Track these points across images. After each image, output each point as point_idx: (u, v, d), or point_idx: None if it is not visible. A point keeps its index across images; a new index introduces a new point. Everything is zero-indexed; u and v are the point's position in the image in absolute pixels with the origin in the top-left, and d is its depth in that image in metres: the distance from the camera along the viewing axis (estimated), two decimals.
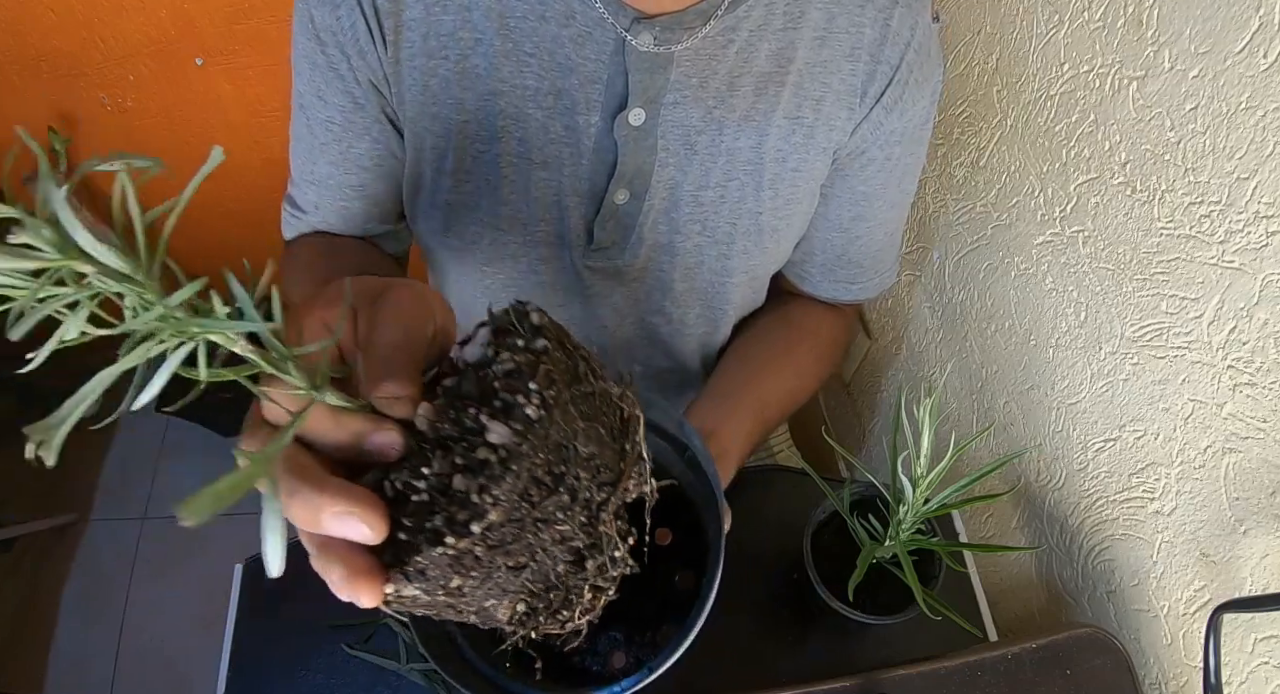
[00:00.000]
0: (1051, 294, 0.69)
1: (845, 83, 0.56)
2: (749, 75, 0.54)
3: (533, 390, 0.28)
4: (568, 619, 0.33)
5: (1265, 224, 0.46)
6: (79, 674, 1.49)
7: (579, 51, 0.51)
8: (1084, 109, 0.61)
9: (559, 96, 0.53)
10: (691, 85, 0.53)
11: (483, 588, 0.30)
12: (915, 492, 0.55)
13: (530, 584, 0.31)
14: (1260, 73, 0.45)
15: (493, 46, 0.51)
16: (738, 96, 0.54)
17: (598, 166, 0.56)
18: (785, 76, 0.55)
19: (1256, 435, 0.50)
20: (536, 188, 0.57)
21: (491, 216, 0.58)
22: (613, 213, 0.58)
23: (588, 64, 0.52)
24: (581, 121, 0.54)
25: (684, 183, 0.57)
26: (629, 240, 0.60)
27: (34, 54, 1.10)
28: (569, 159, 0.55)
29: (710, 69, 0.53)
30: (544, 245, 0.60)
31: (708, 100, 0.54)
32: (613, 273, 0.63)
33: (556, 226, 0.59)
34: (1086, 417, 0.67)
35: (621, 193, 0.56)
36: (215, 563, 1.60)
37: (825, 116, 0.57)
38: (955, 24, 0.77)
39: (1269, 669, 0.53)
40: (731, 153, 0.56)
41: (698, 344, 0.72)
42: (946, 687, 0.61)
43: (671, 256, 0.61)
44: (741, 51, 0.53)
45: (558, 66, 0.52)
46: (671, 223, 0.59)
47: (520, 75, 0.52)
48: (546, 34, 0.51)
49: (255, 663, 0.65)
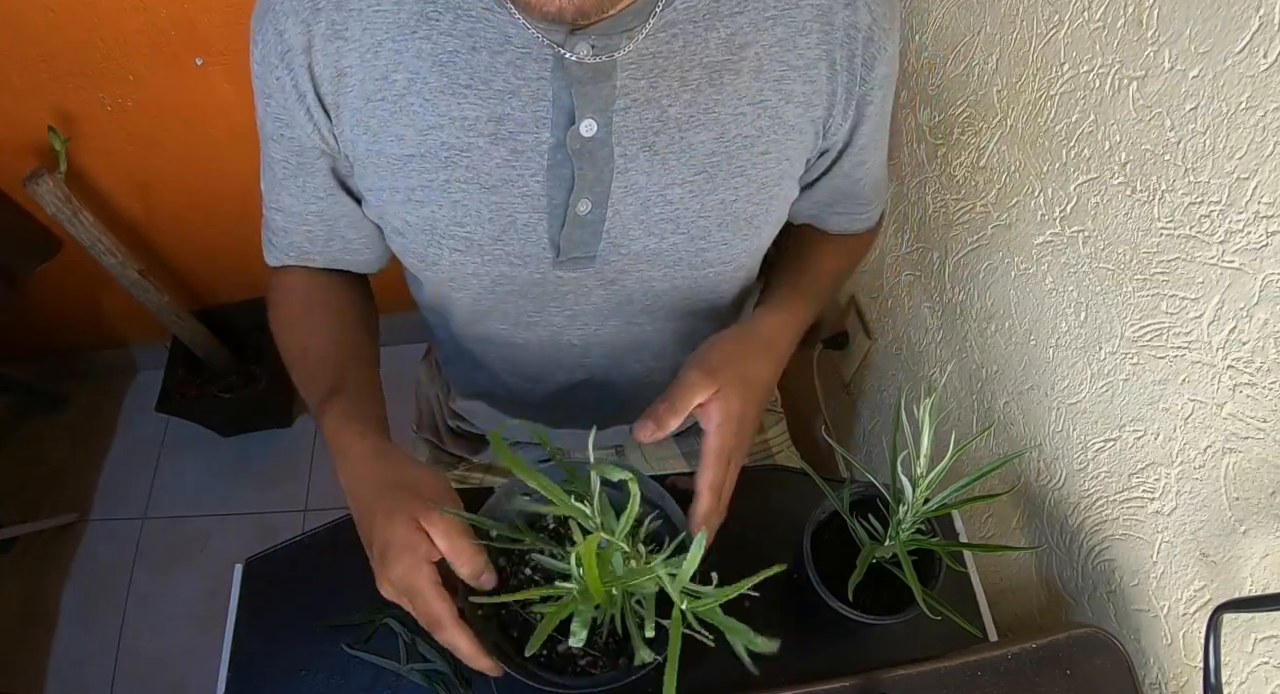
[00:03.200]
0: (1051, 294, 0.69)
1: (802, 58, 0.55)
2: (700, 67, 0.53)
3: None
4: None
5: (1265, 224, 0.46)
6: (79, 674, 1.49)
7: (518, 74, 0.52)
8: (1084, 109, 0.61)
9: (500, 123, 0.53)
10: (641, 87, 0.53)
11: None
12: (915, 492, 0.55)
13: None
14: (1260, 73, 0.45)
15: (427, 83, 0.52)
16: (691, 90, 0.53)
17: (555, 182, 0.55)
18: (740, 63, 0.54)
19: (1256, 435, 0.50)
20: (490, 211, 0.57)
21: (448, 239, 0.59)
22: (577, 224, 0.57)
23: (529, 84, 0.52)
24: (531, 140, 0.54)
25: (649, 185, 0.56)
26: (598, 247, 0.59)
27: (34, 54, 1.10)
28: (519, 181, 0.55)
29: (658, 67, 0.52)
30: (505, 263, 0.60)
31: (661, 100, 0.53)
32: (587, 279, 0.62)
33: (517, 245, 0.59)
34: (1086, 417, 0.67)
35: (584, 203, 0.56)
36: (215, 563, 1.60)
37: (790, 95, 0.56)
38: (955, 24, 0.77)
39: (1269, 669, 0.53)
40: (694, 147, 0.55)
41: (691, 338, 0.72)
42: (946, 687, 0.61)
43: (647, 258, 0.61)
44: (688, 44, 0.52)
45: (496, 93, 0.52)
46: (643, 225, 0.58)
47: (459, 107, 0.53)
48: (480, 63, 0.52)
49: (255, 663, 0.65)
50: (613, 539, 0.48)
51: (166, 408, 1.56)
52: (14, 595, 1.57)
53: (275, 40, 0.53)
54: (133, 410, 1.79)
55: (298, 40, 0.52)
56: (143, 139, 1.25)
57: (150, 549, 1.62)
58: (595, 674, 0.56)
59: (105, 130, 1.23)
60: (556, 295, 0.64)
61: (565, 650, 0.57)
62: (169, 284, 1.46)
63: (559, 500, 0.48)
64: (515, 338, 0.69)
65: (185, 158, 1.30)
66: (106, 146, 1.25)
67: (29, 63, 1.11)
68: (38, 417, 1.79)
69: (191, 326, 1.50)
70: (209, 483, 1.69)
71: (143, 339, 1.73)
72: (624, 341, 0.70)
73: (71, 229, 1.23)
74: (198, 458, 1.71)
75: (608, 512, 0.50)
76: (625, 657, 0.56)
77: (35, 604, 1.56)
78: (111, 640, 1.52)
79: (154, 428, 1.74)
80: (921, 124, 0.86)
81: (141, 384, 1.82)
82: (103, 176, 1.31)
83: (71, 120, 1.20)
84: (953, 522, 0.74)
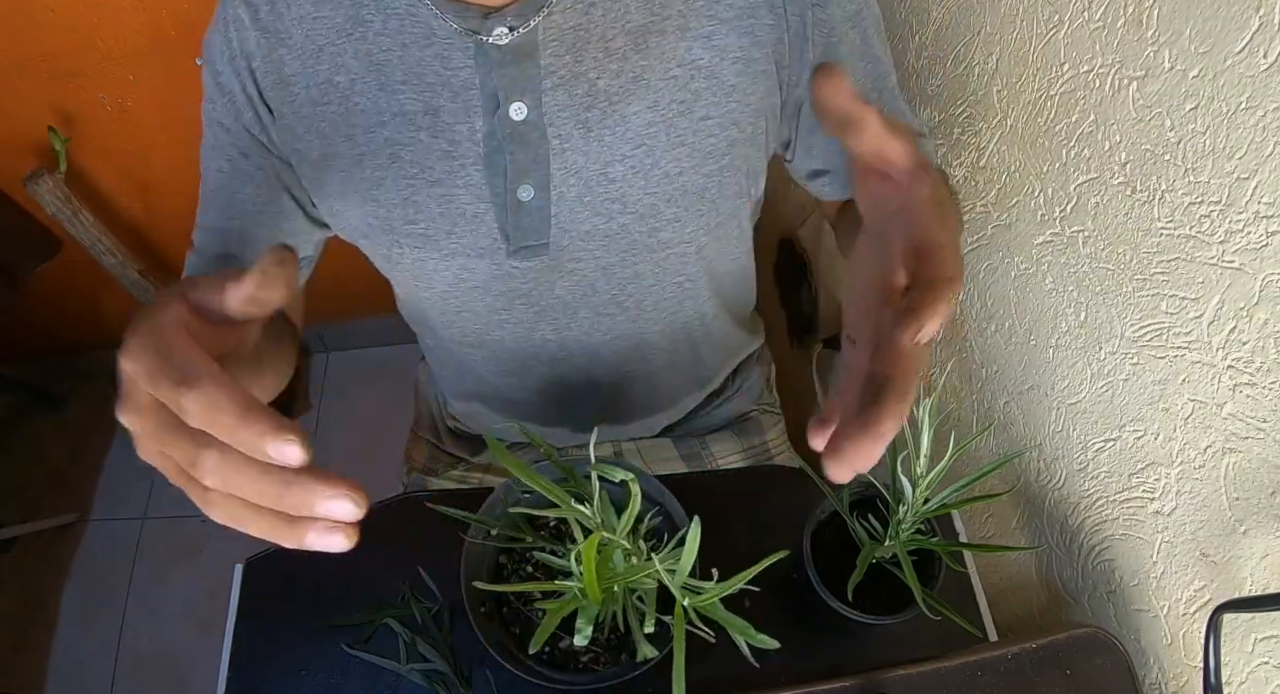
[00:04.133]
0: (1051, 294, 0.69)
1: (733, 8, 0.53)
2: (623, 34, 0.52)
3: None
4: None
5: (1265, 224, 0.46)
6: (79, 674, 1.49)
7: (445, 65, 0.52)
8: (1084, 109, 0.61)
9: (436, 115, 0.54)
10: (565, 63, 0.52)
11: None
12: (915, 492, 0.55)
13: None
14: (1260, 73, 0.45)
15: (368, 82, 0.53)
16: (617, 60, 0.52)
17: (493, 170, 0.55)
18: (664, 23, 0.52)
19: (1256, 435, 0.50)
20: (439, 204, 0.57)
21: (406, 236, 0.59)
22: (522, 211, 0.57)
23: (458, 74, 0.52)
24: (465, 130, 0.54)
25: (588, 164, 0.55)
26: (548, 234, 0.58)
27: (34, 54, 1.10)
28: (460, 172, 0.56)
29: (580, 40, 0.52)
30: (462, 256, 0.60)
31: (588, 73, 0.52)
32: (545, 269, 0.61)
33: (470, 238, 0.59)
34: (1086, 417, 0.67)
35: (524, 190, 0.56)
36: (215, 563, 1.60)
37: (724, 50, 0.53)
38: (955, 24, 0.77)
39: (1269, 669, 0.53)
40: (628, 119, 0.54)
41: (672, 327, 0.70)
42: (946, 687, 0.61)
43: (599, 241, 0.60)
44: (607, 12, 0.52)
45: (428, 87, 0.53)
46: (588, 207, 0.57)
47: (398, 103, 0.54)
48: (411, 59, 0.52)
49: (255, 663, 0.65)
50: (613, 538, 0.48)
51: None
52: (14, 595, 1.57)
53: (223, 47, 0.54)
54: None
55: (241, 48, 0.54)
56: (143, 139, 1.25)
57: (150, 549, 1.62)
58: (597, 670, 0.56)
59: (105, 130, 1.23)
60: (520, 291, 0.64)
61: (567, 647, 0.57)
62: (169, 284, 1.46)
63: (561, 502, 0.48)
64: (489, 336, 0.69)
65: (185, 158, 1.29)
66: (106, 146, 1.25)
67: (29, 63, 1.11)
68: (38, 417, 1.79)
69: None
70: None
71: None
72: (599, 336, 0.69)
73: (71, 229, 1.23)
74: None
75: (608, 510, 0.51)
76: (626, 653, 0.56)
77: (35, 604, 1.56)
78: (111, 640, 1.52)
79: None
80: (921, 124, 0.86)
81: None
82: (103, 176, 1.31)
83: (71, 120, 1.20)
84: (953, 522, 0.74)
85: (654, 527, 0.57)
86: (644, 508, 0.53)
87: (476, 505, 0.59)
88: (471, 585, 0.54)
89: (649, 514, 0.57)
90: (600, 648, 0.57)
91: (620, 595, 0.51)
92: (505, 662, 0.53)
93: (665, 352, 0.73)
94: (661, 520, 0.59)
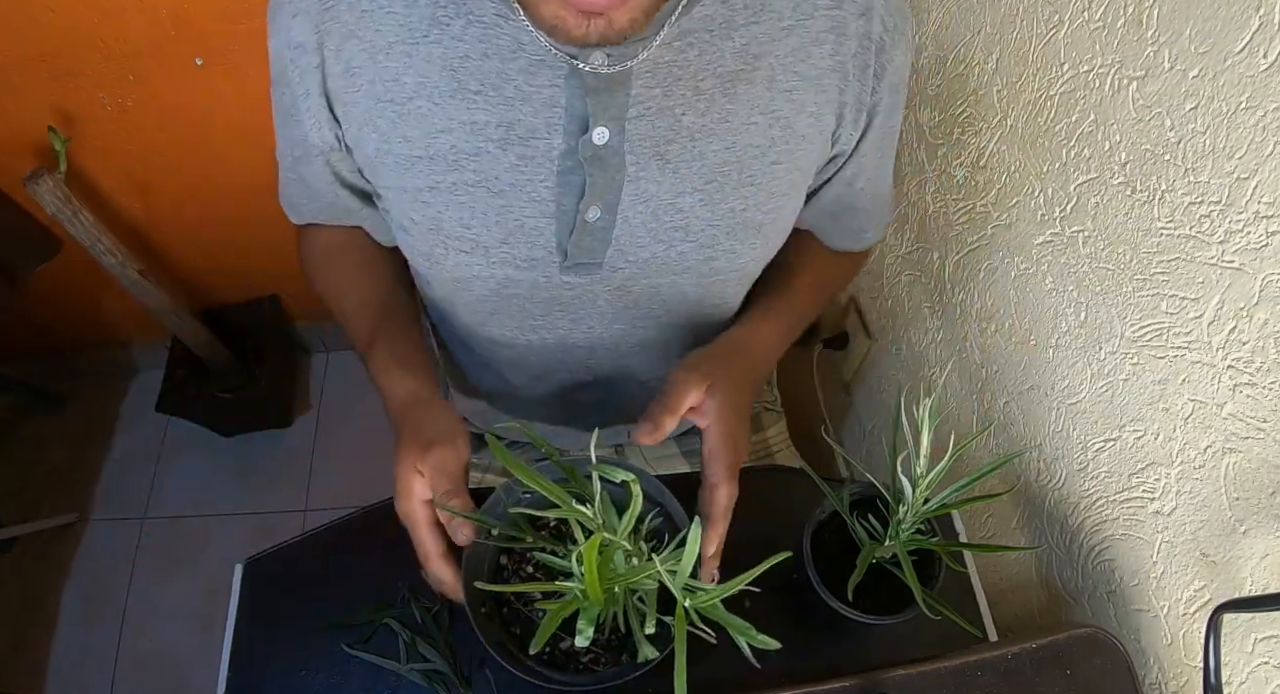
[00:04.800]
0: (1051, 294, 0.69)
1: (815, 68, 0.55)
2: (713, 76, 0.53)
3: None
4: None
5: (1265, 224, 0.46)
6: (79, 674, 1.49)
7: (530, 81, 0.52)
8: (1084, 109, 0.61)
9: (510, 128, 0.53)
10: (655, 96, 0.53)
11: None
12: (915, 492, 0.55)
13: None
14: (1260, 73, 0.45)
15: (437, 87, 0.52)
16: (704, 100, 0.53)
17: (565, 188, 0.55)
18: (754, 73, 0.54)
19: (1256, 435, 0.50)
20: (497, 214, 0.57)
21: (454, 240, 0.59)
22: (586, 230, 0.57)
23: (542, 91, 0.52)
24: (542, 146, 0.54)
25: (659, 193, 0.56)
26: (605, 254, 0.59)
27: (34, 54, 1.10)
28: (527, 186, 0.55)
29: (672, 76, 0.52)
30: (510, 266, 0.60)
31: (674, 109, 0.53)
32: (593, 284, 0.62)
33: (524, 249, 0.59)
34: (1086, 417, 0.67)
35: (593, 210, 0.56)
36: (215, 563, 1.60)
37: (801, 105, 0.56)
38: (955, 24, 0.77)
39: (1269, 669, 0.53)
40: (705, 156, 0.56)
41: (697, 340, 0.72)
42: (946, 687, 0.61)
43: (655, 266, 0.61)
44: (703, 53, 0.52)
45: (506, 100, 0.52)
46: (652, 233, 0.59)
47: (469, 111, 0.53)
48: (491, 70, 0.51)
49: (255, 663, 0.65)
50: (614, 538, 0.48)
51: (166, 408, 1.56)
52: (14, 595, 1.57)
53: (286, 35, 0.53)
54: (133, 410, 1.79)
55: (308, 39, 0.52)
56: (143, 139, 1.25)
57: (150, 549, 1.62)
58: (598, 671, 0.56)
59: (105, 130, 1.22)
60: (562, 301, 0.64)
61: (568, 648, 0.57)
62: (169, 284, 1.46)
63: (562, 502, 0.48)
64: (520, 339, 0.69)
65: (185, 158, 1.30)
66: (106, 146, 1.25)
67: (29, 63, 1.11)
68: (38, 417, 1.79)
69: (191, 326, 1.50)
70: (209, 483, 1.68)
71: (143, 339, 1.73)
72: (629, 344, 0.70)
73: (71, 229, 1.23)
74: (197, 458, 1.71)
75: (609, 511, 0.51)
76: (627, 653, 0.56)
77: (35, 604, 1.56)
78: (111, 640, 1.52)
79: (154, 428, 1.74)
80: (921, 124, 0.86)
81: (141, 384, 1.82)
82: (103, 176, 1.31)
83: (71, 120, 1.20)
84: (953, 522, 0.74)
85: (655, 527, 0.57)
86: (645, 508, 0.53)
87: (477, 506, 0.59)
88: (472, 586, 0.54)
89: (650, 514, 0.57)
90: (600, 648, 0.57)
91: (621, 596, 0.51)
92: (505, 662, 0.53)
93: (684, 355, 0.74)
94: (662, 521, 0.59)
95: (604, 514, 0.50)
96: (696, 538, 0.47)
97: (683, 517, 0.58)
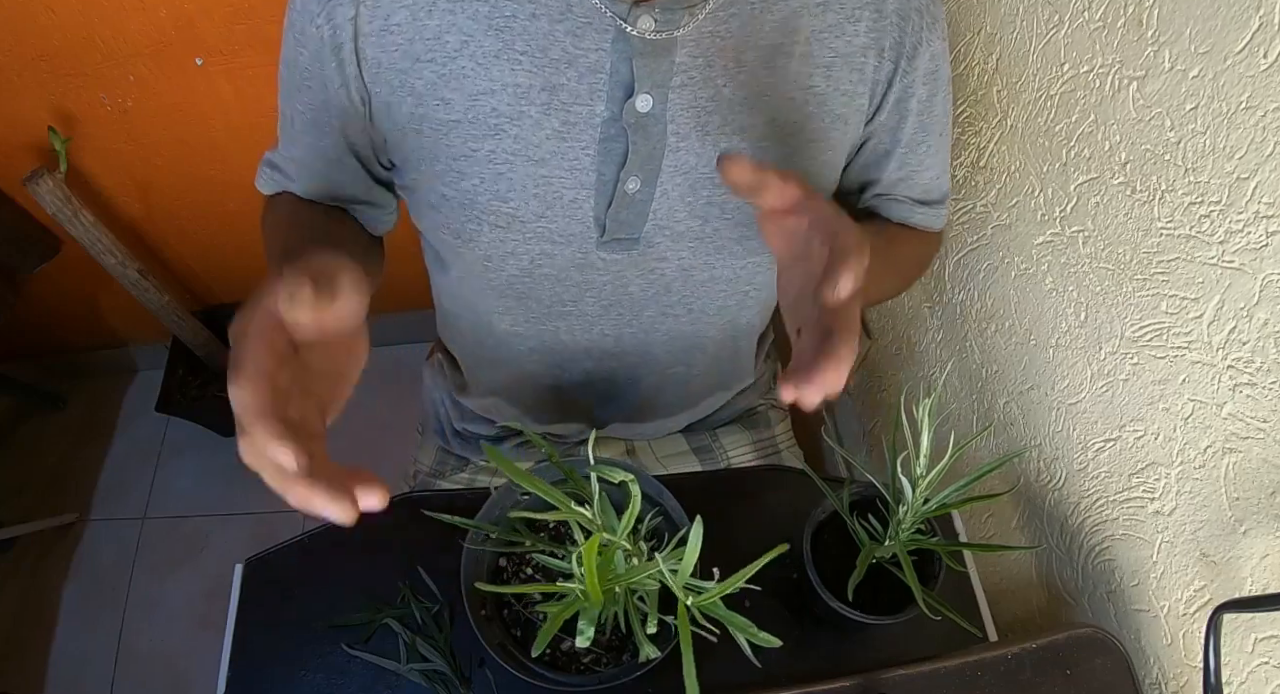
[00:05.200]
0: (1051, 294, 0.69)
1: (851, 45, 0.55)
2: (754, 49, 0.53)
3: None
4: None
5: (1265, 224, 0.46)
6: (79, 674, 1.49)
7: (577, 44, 0.51)
8: (1084, 109, 0.61)
9: (554, 92, 0.52)
10: (698, 66, 0.52)
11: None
12: (915, 492, 0.55)
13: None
14: (1260, 73, 0.45)
15: (481, 47, 0.51)
16: (746, 72, 0.53)
17: (606, 157, 0.55)
18: (793, 47, 0.53)
19: (1256, 435, 0.50)
20: (536, 185, 0.56)
21: (489, 214, 0.57)
22: (625, 202, 0.57)
23: (588, 55, 0.51)
24: (584, 113, 0.53)
25: (699, 166, 0.56)
26: (643, 229, 0.59)
27: (34, 54, 1.10)
28: (569, 154, 0.55)
29: (715, 47, 0.52)
30: (547, 241, 0.59)
31: (716, 79, 0.53)
32: (628, 264, 0.62)
33: (561, 223, 0.58)
34: (1086, 417, 0.67)
35: (633, 181, 0.56)
36: (215, 563, 1.60)
37: (837, 82, 0.55)
38: (955, 24, 0.76)
39: (1269, 669, 0.53)
40: (745, 130, 0.55)
41: (725, 332, 0.71)
42: (946, 687, 0.61)
43: (690, 243, 0.60)
44: (745, 25, 0.52)
45: (551, 62, 0.51)
46: (689, 207, 0.58)
47: (512, 73, 0.52)
48: (538, 31, 0.51)
49: (255, 663, 0.65)
50: (614, 539, 0.48)
51: (166, 408, 1.56)
52: (14, 595, 1.57)
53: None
54: (133, 410, 1.79)
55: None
56: (143, 139, 1.25)
57: (150, 549, 1.62)
58: (599, 671, 0.56)
59: (105, 130, 1.22)
60: (594, 284, 0.63)
61: (568, 648, 0.57)
62: (169, 284, 1.46)
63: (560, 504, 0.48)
64: (546, 326, 0.68)
65: (185, 158, 1.30)
66: (106, 146, 1.25)
67: (29, 63, 1.11)
68: (38, 417, 1.79)
69: (191, 326, 1.50)
70: (209, 483, 1.68)
71: (143, 339, 1.73)
72: (657, 335, 0.69)
73: (71, 229, 1.23)
74: (198, 458, 1.71)
75: (608, 511, 0.51)
76: (628, 653, 0.56)
77: (35, 604, 1.56)
78: (111, 640, 1.52)
79: (154, 428, 1.74)
80: None
81: (141, 384, 1.82)
82: (103, 176, 1.31)
83: (71, 120, 1.20)
84: (953, 522, 0.74)
85: (654, 527, 0.57)
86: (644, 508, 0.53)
87: (478, 507, 0.59)
88: (472, 588, 0.54)
89: (649, 514, 0.57)
90: (601, 649, 0.57)
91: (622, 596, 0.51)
92: (506, 664, 0.53)
93: (711, 354, 0.74)
94: (661, 520, 0.59)
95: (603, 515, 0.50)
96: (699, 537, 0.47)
97: (681, 515, 0.58)
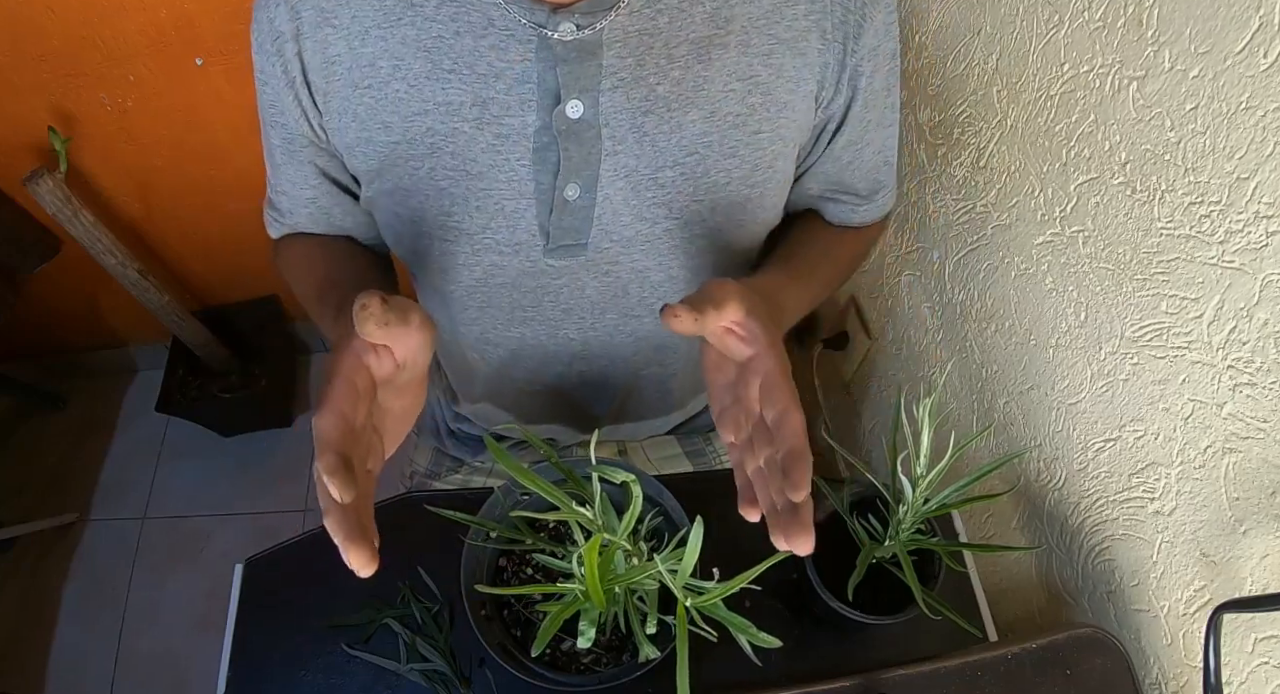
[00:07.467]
0: (1051, 294, 0.69)
1: (791, 29, 0.54)
2: (686, 43, 0.52)
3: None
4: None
5: (1265, 224, 0.46)
6: (79, 674, 1.49)
7: (502, 57, 0.52)
8: (1084, 109, 0.61)
9: (485, 106, 0.53)
10: (627, 66, 0.52)
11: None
12: (915, 492, 0.55)
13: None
14: (1260, 73, 0.45)
15: (411, 69, 0.52)
16: (679, 68, 0.53)
17: (542, 166, 0.55)
18: (728, 37, 0.53)
19: (1256, 435, 0.50)
20: (477, 198, 0.56)
21: (437, 229, 0.58)
22: (566, 209, 0.57)
23: (514, 67, 0.52)
24: (516, 124, 0.53)
25: (639, 168, 0.56)
26: (589, 234, 0.59)
27: (34, 54, 1.10)
28: (504, 166, 0.55)
29: (644, 45, 0.52)
30: (494, 252, 0.60)
31: (648, 78, 0.52)
32: (580, 268, 0.62)
33: (506, 233, 0.58)
34: (1086, 417, 0.67)
35: (571, 188, 0.56)
36: (215, 563, 1.60)
37: (779, 69, 0.55)
38: (955, 24, 0.77)
39: (1269, 669, 0.53)
40: (684, 127, 0.54)
41: (689, 340, 0.71)
42: (946, 687, 0.61)
43: (640, 245, 0.60)
44: (674, 20, 0.52)
45: (479, 77, 0.52)
46: (634, 210, 0.58)
47: (444, 92, 0.53)
48: (463, 48, 0.52)
49: (255, 663, 0.65)
50: (614, 539, 0.48)
51: (166, 408, 1.56)
52: (14, 595, 1.57)
53: (268, 27, 0.53)
54: (133, 410, 1.79)
55: (287, 27, 0.53)
56: (143, 139, 1.25)
57: (150, 549, 1.62)
58: (599, 671, 0.56)
59: (105, 130, 1.23)
60: (550, 289, 0.63)
61: (569, 649, 0.57)
62: (169, 284, 1.46)
63: (561, 504, 0.48)
64: (511, 333, 0.69)
65: (185, 158, 1.30)
66: (106, 146, 1.25)
67: (29, 63, 1.11)
68: (38, 417, 1.79)
69: (191, 327, 1.50)
70: (209, 483, 1.68)
71: (143, 339, 1.73)
72: (622, 337, 0.69)
73: (71, 229, 1.23)
74: (198, 458, 1.71)
75: (609, 511, 0.51)
76: (628, 653, 0.56)
77: (35, 604, 1.56)
78: (111, 640, 1.52)
79: (154, 428, 1.74)
80: (921, 124, 0.86)
81: (141, 384, 1.82)
82: (103, 176, 1.31)
83: (71, 120, 1.20)
84: (953, 522, 0.74)
85: (654, 527, 0.57)
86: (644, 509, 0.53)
87: (477, 507, 0.59)
88: (472, 588, 0.54)
89: (649, 515, 0.57)
90: (601, 649, 0.58)
91: (622, 596, 0.51)
92: (507, 664, 0.53)
93: (683, 355, 0.74)
94: (661, 521, 0.59)
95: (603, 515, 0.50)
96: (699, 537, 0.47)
97: (681, 516, 0.58)
